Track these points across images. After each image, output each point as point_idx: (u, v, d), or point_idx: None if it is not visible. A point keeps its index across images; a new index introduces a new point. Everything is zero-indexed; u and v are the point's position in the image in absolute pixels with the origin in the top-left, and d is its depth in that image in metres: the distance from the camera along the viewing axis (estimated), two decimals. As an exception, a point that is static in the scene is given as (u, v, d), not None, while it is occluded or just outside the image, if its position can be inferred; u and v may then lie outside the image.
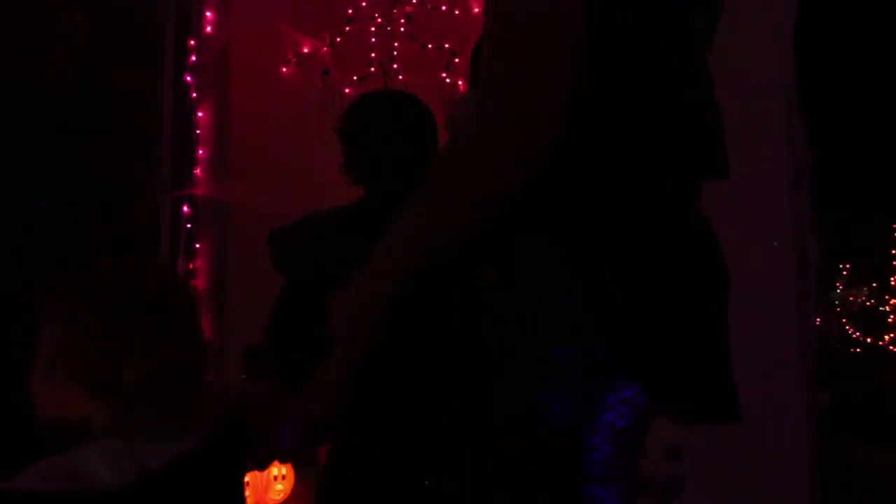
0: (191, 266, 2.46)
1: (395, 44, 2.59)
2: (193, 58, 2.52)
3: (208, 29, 2.55)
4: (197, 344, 0.94)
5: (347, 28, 2.58)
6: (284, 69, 2.62)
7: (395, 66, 2.57)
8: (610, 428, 0.85)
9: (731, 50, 2.14)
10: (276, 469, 2.28)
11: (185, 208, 2.46)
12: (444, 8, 2.64)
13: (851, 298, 7.52)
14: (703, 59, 0.95)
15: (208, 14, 2.55)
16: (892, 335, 7.11)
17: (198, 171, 2.51)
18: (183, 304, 0.95)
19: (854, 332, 7.26)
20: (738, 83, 2.20)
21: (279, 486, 2.29)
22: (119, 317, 0.87)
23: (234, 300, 2.47)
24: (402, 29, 2.59)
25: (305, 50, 2.63)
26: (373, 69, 2.57)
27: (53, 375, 0.86)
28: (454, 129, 0.86)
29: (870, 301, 7.50)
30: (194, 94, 2.51)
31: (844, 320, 7.36)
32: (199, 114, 2.53)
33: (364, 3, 2.63)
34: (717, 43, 0.98)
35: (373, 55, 2.60)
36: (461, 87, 2.47)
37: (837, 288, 7.48)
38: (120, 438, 0.86)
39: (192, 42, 2.52)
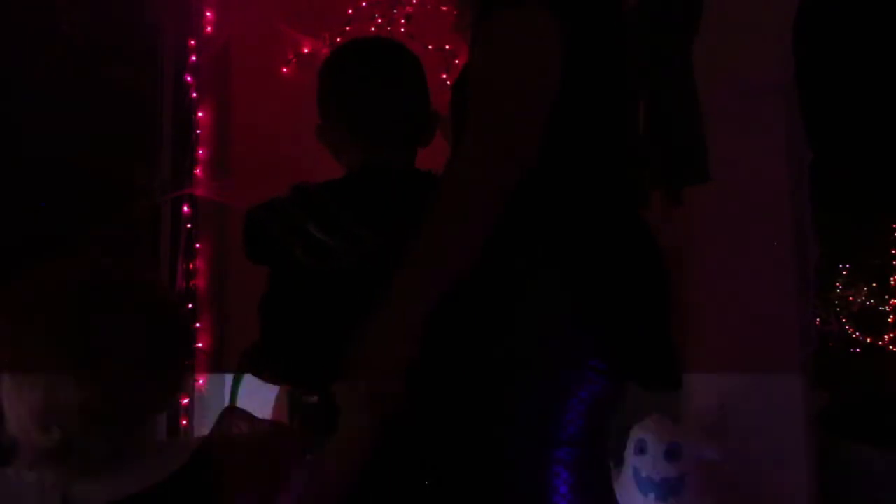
0: (191, 266, 2.46)
1: (395, 44, 2.59)
2: (193, 58, 2.51)
3: (208, 29, 2.55)
4: (168, 373, 0.84)
5: (347, 28, 2.58)
6: (284, 69, 2.62)
7: (395, 66, 2.57)
8: (581, 404, 1.05)
9: (731, 50, 2.15)
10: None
11: (185, 208, 2.46)
12: (444, 8, 2.64)
13: (851, 298, 7.51)
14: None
15: (208, 14, 2.55)
16: (892, 335, 7.11)
17: (198, 171, 2.51)
18: (163, 334, 0.83)
19: (854, 332, 7.26)
20: (738, 83, 2.20)
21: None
22: (80, 339, 0.77)
23: (234, 300, 2.47)
24: (403, 29, 2.59)
25: (305, 50, 2.63)
26: (373, 69, 2.57)
27: (9, 388, 0.78)
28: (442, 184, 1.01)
29: (870, 301, 7.49)
30: (194, 94, 2.51)
31: (844, 320, 7.35)
32: (199, 114, 2.53)
33: (364, 3, 2.63)
34: (717, 43, 1.00)
35: (373, 55, 2.60)
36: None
37: (837, 288, 7.47)
38: (54, 469, 0.78)
39: (192, 42, 2.52)
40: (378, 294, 0.97)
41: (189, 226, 2.46)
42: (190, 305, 2.43)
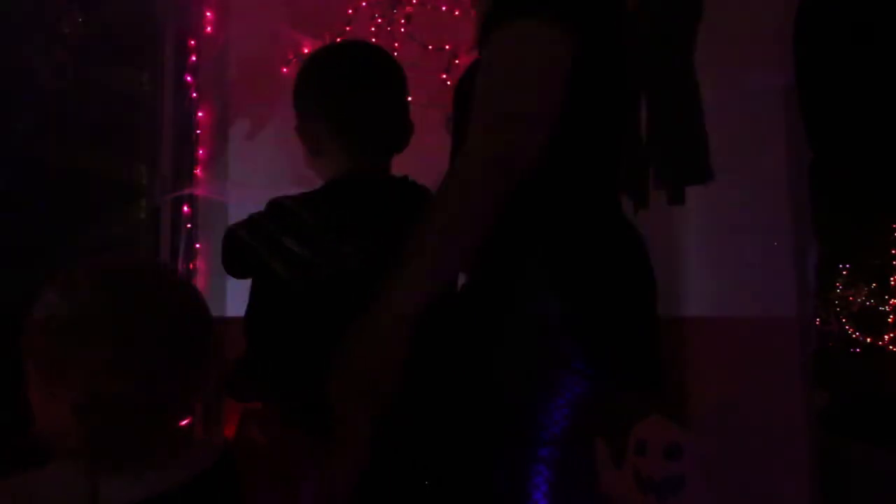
0: (191, 266, 2.46)
1: (396, 44, 2.58)
2: (193, 58, 2.51)
3: (208, 29, 2.55)
4: (196, 373, 0.84)
5: (347, 28, 2.58)
6: (284, 69, 2.62)
7: (394, 66, 2.57)
8: (565, 406, 1.06)
9: (731, 50, 2.15)
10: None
11: (185, 208, 2.46)
12: (444, 8, 2.64)
13: (851, 298, 7.52)
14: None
15: (208, 14, 2.55)
16: (892, 335, 7.11)
17: (198, 171, 2.51)
18: (195, 327, 0.84)
19: (854, 332, 7.26)
20: (738, 83, 2.21)
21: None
22: (119, 330, 0.78)
23: (234, 301, 2.47)
24: (402, 29, 2.58)
25: (305, 50, 2.63)
26: (373, 69, 2.56)
27: (43, 385, 0.78)
28: (448, 173, 1.03)
29: (870, 301, 7.50)
30: (194, 94, 2.51)
31: (844, 320, 7.35)
32: (199, 114, 2.53)
33: (364, 3, 2.63)
34: (718, 43, 1.00)
35: (373, 55, 2.59)
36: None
37: (837, 288, 7.48)
38: (83, 467, 0.78)
39: (192, 42, 2.52)
40: (361, 302, 0.98)
41: (189, 226, 2.46)
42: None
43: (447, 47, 2.56)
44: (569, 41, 1.02)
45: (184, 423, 0.85)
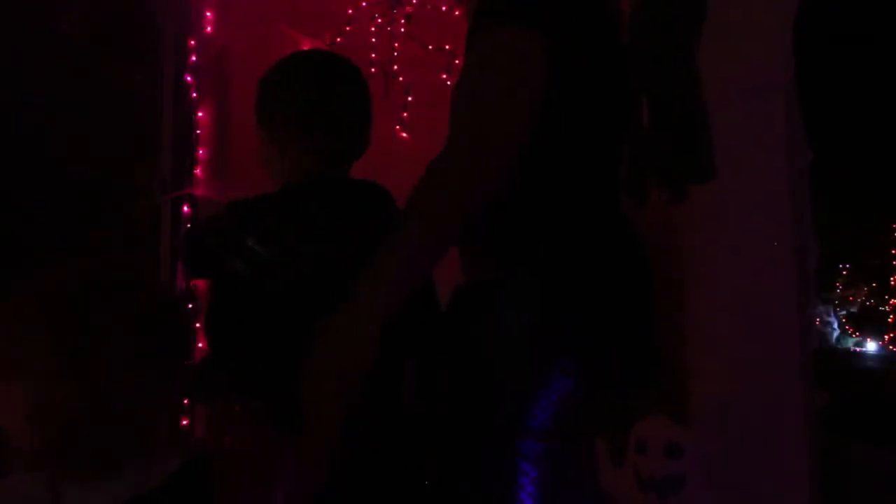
0: (191, 266, 2.46)
1: (395, 44, 2.59)
2: (193, 58, 2.51)
3: (208, 29, 2.55)
4: (164, 376, 0.83)
5: (347, 28, 2.58)
6: (284, 69, 2.62)
7: (395, 66, 2.57)
8: (550, 402, 1.07)
9: (731, 49, 2.15)
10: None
11: (185, 208, 2.46)
12: (444, 8, 2.64)
13: (851, 298, 7.52)
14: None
15: (208, 14, 2.55)
16: (892, 335, 7.11)
17: (198, 171, 2.51)
18: (159, 334, 0.83)
19: (854, 332, 7.26)
20: (738, 82, 2.20)
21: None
22: (69, 339, 0.77)
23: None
24: (402, 29, 2.59)
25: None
26: (373, 69, 2.57)
27: (4, 390, 0.77)
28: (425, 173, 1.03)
29: (870, 301, 7.49)
30: (194, 94, 2.51)
31: (844, 320, 7.35)
32: (199, 114, 2.53)
33: (364, 3, 2.63)
34: (718, 42, 1.02)
35: (373, 55, 2.60)
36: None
37: (837, 288, 7.48)
38: (44, 471, 0.78)
39: (192, 42, 2.52)
40: (323, 302, 0.98)
41: (189, 226, 2.46)
42: (190, 305, 2.43)
43: (447, 47, 2.56)
44: (548, 46, 1.03)
45: (151, 426, 0.84)
